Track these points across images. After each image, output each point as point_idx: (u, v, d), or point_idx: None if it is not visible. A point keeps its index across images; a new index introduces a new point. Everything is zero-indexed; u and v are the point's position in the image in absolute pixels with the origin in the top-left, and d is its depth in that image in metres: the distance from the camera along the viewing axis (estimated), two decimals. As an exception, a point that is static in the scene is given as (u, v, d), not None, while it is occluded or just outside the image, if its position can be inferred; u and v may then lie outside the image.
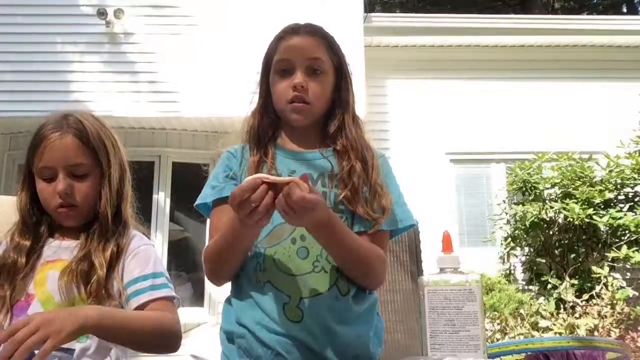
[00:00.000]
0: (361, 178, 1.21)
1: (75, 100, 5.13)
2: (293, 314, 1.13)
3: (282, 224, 1.16)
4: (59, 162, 1.25)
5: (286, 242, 1.17)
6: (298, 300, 1.14)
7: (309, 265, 1.16)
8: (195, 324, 5.29)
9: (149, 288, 1.23)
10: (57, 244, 1.28)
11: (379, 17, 6.41)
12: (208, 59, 5.24)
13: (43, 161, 1.26)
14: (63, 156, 1.25)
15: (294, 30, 1.27)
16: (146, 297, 1.22)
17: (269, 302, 1.15)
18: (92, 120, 1.32)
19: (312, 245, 1.17)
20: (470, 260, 4.14)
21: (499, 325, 4.52)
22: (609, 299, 4.59)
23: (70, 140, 1.26)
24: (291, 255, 1.16)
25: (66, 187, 1.25)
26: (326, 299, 1.14)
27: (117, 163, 1.33)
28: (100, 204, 1.28)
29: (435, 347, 0.98)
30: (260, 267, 1.18)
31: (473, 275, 1.01)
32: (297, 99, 1.22)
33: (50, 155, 1.25)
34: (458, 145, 5.95)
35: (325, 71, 1.26)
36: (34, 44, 5.28)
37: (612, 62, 6.33)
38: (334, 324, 1.14)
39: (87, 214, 1.29)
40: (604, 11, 16.74)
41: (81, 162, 1.27)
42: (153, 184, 5.46)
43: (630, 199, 5.28)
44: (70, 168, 1.26)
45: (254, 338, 1.14)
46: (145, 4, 5.51)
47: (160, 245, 5.31)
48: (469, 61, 6.23)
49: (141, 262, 1.27)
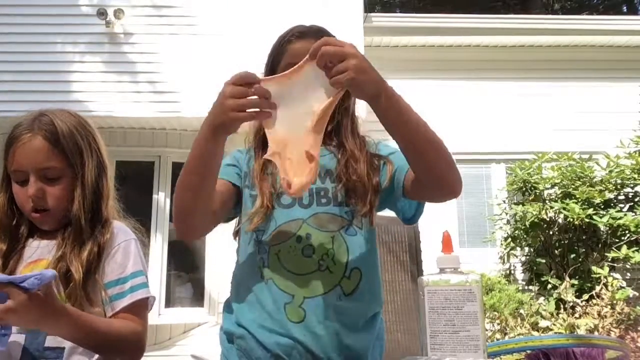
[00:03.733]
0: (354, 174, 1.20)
1: (75, 100, 5.12)
2: (294, 314, 1.12)
3: (288, 222, 1.16)
4: (29, 165, 1.21)
5: (291, 240, 1.16)
6: (301, 300, 1.13)
7: (314, 264, 1.15)
8: (195, 324, 5.29)
9: (129, 291, 1.22)
10: (36, 244, 1.26)
11: (379, 17, 6.39)
12: (208, 59, 5.24)
13: (15, 164, 1.23)
14: (33, 159, 1.21)
15: (301, 33, 1.25)
16: (127, 300, 1.21)
17: (270, 301, 1.14)
18: (67, 119, 1.27)
19: (317, 243, 1.16)
20: (470, 261, 4.16)
21: (499, 325, 4.52)
22: (609, 299, 4.59)
23: (40, 143, 1.22)
24: (296, 254, 1.15)
25: (37, 192, 1.21)
26: (330, 298, 1.13)
27: (93, 162, 1.28)
28: (73, 207, 1.24)
29: (435, 347, 0.98)
30: (264, 262, 1.16)
31: (473, 275, 1.01)
32: None
33: (21, 158, 1.22)
34: (458, 145, 5.92)
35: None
36: (34, 44, 5.28)
37: (612, 62, 6.32)
38: (336, 325, 1.13)
39: (61, 217, 1.25)
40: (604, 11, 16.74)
41: (51, 166, 1.23)
42: (153, 184, 5.46)
43: (630, 199, 5.28)
44: (41, 171, 1.22)
45: (253, 340, 1.13)
46: (145, 4, 5.51)
47: (160, 245, 5.31)
48: (469, 61, 6.22)
49: (120, 261, 1.25)
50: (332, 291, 1.14)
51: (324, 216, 1.18)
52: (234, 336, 1.17)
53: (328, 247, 1.16)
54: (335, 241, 1.17)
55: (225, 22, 5.37)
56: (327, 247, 1.16)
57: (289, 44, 1.25)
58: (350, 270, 1.16)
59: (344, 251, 1.17)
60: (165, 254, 5.33)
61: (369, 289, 1.19)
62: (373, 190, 1.20)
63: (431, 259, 1.18)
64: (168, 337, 5.22)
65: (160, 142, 5.58)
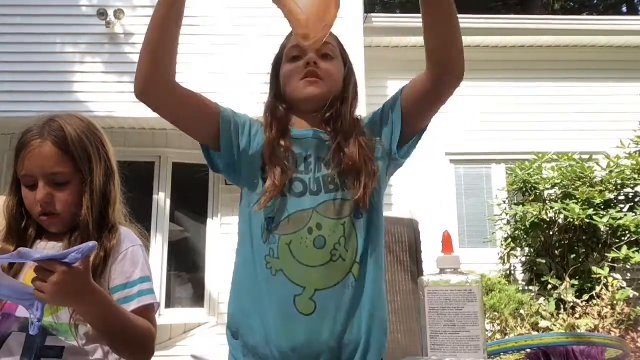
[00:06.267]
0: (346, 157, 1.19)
1: (76, 101, 5.13)
2: (304, 306, 1.11)
3: (299, 212, 1.16)
4: (38, 170, 1.23)
5: (303, 231, 1.15)
6: (312, 292, 1.12)
7: (326, 255, 1.14)
8: (196, 324, 5.30)
9: (136, 294, 1.23)
10: (43, 244, 1.27)
11: (379, 17, 6.40)
12: (208, 59, 5.24)
13: (24, 169, 1.24)
14: (42, 165, 1.23)
15: None
16: (134, 304, 1.21)
17: (278, 292, 1.13)
18: (77, 124, 1.29)
19: (328, 233, 1.15)
20: (470, 261, 4.16)
21: (499, 325, 4.52)
22: (609, 299, 4.59)
23: (49, 148, 1.23)
24: (308, 245, 1.14)
25: (45, 196, 1.23)
26: (341, 288, 1.13)
27: (101, 168, 1.30)
28: (81, 212, 1.25)
29: (435, 347, 0.98)
30: (273, 253, 1.15)
31: (473, 275, 1.01)
32: (310, 74, 1.22)
33: (30, 163, 1.23)
34: (458, 145, 5.95)
35: (337, 56, 1.29)
36: (34, 44, 5.28)
37: (612, 62, 6.32)
38: (345, 316, 1.12)
39: (69, 221, 1.27)
40: (604, 11, 16.74)
41: (60, 171, 1.24)
42: (153, 184, 5.46)
43: (630, 199, 5.28)
44: (50, 176, 1.24)
45: (258, 336, 1.13)
46: (145, 4, 5.50)
47: (160, 245, 5.31)
48: (469, 61, 6.01)
49: (129, 266, 1.25)
50: (343, 280, 1.13)
51: (332, 203, 1.17)
52: (239, 332, 1.17)
53: (339, 235, 1.15)
54: (345, 228, 1.16)
55: (225, 23, 5.37)
56: (337, 235, 1.15)
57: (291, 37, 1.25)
58: (360, 256, 1.16)
59: (354, 237, 1.16)
60: (165, 254, 5.33)
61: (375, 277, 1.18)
62: (367, 173, 1.18)
63: (431, 259, 1.18)
64: (168, 337, 5.22)
65: (160, 142, 5.58)
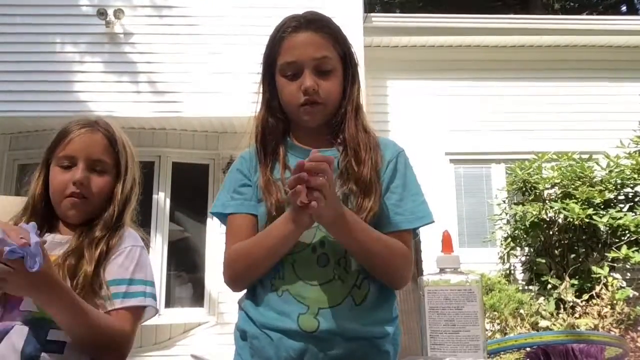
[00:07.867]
0: (357, 175, 1.16)
1: (76, 100, 5.13)
2: (308, 324, 1.10)
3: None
4: (82, 153, 1.30)
5: (306, 251, 1.14)
6: (316, 310, 1.10)
7: (330, 274, 1.13)
8: (196, 324, 5.30)
9: (122, 295, 1.23)
10: (50, 238, 1.28)
11: (379, 17, 6.39)
12: (208, 59, 5.24)
13: (66, 150, 1.30)
14: (89, 149, 1.31)
15: (296, 27, 1.20)
16: (118, 303, 1.22)
17: (284, 311, 1.12)
18: (120, 131, 1.41)
19: (331, 251, 1.14)
20: (470, 261, 4.15)
21: (499, 325, 4.52)
22: (609, 299, 4.59)
23: (100, 138, 1.33)
24: (311, 264, 1.14)
25: (83, 178, 1.29)
26: (343, 308, 1.11)
27: (131, 174, 1.39)
28: (112, 204, 1.32)
29: (435, 347, 0.98)
30: (278, 274, 1.15)
31: (473, 275, 1.01)
32: (309, 102, 1.18)
33: (76, 146, 1.30)
34: (458, 145, 5.95)
35: (334, 68, 1.21)
36: (34, 44, 5.28)
37: (612, 62, 6.32)
38: (349, 333, 1.10)
39: (92, 210, 1.32)
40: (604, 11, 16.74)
41: (104, 160, 1.33)
42: (153, 184, 5.45)
43: (630, 199, 5.28)
44: (92, 162, 1.31)
45: (266, 340, 1.13)
46: (145, 4, 5.51)
47: (160, 245, 5.31)
48: (469, 61, 6.22)
49: (122, 264, 1.27)
50: (345, 301, 1.12)
51: None
52: (247, 335, 1.17)
53: (342, 253, 1.14)
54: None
55: (225, 22, 5.38)
56: (341, 253, 1.14)
57: (284, 40, 1.20)
58: (361, 280, 1.15)
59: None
60: (165, 254, 5.33)
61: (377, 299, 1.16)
62: (373, 191, 1.17)
63: (431, 259, 1.18)
64: (168, 337, 5.22)
65: (160, 142, 5.58)
